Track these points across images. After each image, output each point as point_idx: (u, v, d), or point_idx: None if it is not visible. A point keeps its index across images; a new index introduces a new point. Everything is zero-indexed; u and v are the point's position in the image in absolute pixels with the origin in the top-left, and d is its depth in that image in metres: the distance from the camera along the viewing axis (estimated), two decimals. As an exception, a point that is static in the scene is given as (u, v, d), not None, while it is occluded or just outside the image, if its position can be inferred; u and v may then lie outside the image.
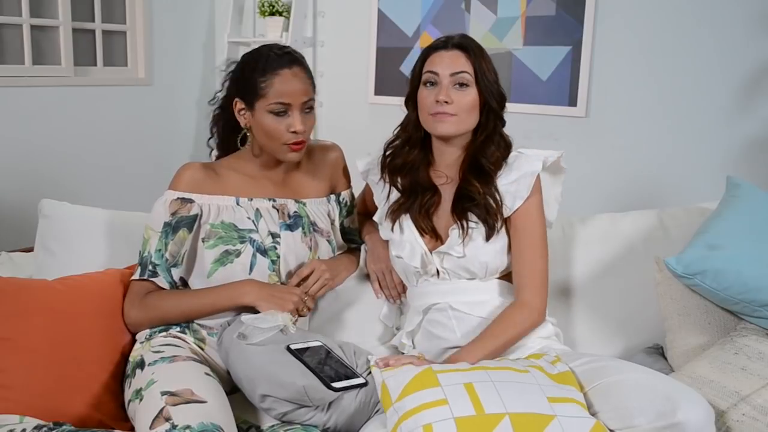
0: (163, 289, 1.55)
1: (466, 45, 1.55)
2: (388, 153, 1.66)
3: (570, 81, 3.18)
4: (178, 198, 1.54)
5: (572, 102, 3.19)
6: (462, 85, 1.53)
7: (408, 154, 1.62)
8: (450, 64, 1.54)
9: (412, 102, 1.61)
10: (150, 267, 1.53)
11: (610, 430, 1.25)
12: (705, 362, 1.44)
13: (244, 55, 1.60)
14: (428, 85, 1.55)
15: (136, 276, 1.55)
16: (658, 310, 1.66)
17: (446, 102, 1.52)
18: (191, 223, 1.54)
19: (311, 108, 1.56)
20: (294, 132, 1.52)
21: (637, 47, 3.05)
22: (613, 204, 2.75)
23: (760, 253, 1.52)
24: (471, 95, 1.53)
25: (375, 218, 1.69)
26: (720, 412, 1.32)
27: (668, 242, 1.79)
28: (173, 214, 1.53)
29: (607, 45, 3.10)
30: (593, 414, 1.29)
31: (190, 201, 1.54)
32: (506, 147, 1.60)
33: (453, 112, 1.52)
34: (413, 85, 1.60)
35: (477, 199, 1.52)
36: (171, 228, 1.53)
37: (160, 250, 1.52)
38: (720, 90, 2.89)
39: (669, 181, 3.03)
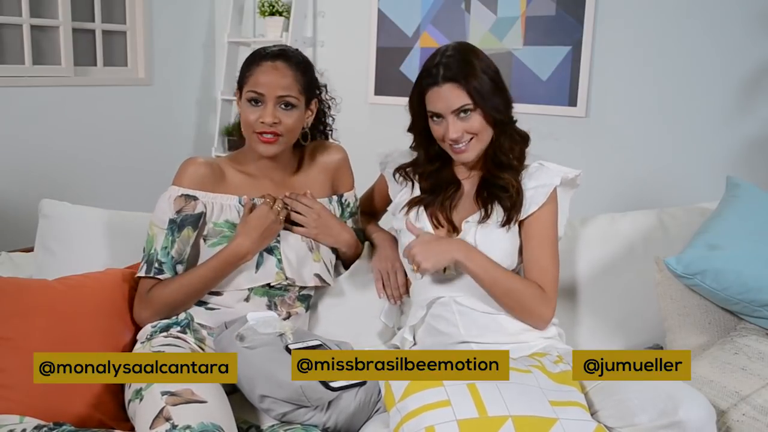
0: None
1: (457, 73, 1.50)
2: (408, 169, 1.67)
3: (570, 81, 3.19)
4: (182, 195, 1.53)
5: (572, 102, 3.19)
6: (465, 112, 1.51)
7: (431, 166, 1.64)
8: (447, 102, 1.51)
9: (423, 134, 1.60)
10: (156, 264, 1.52)
11: (609, 428, 1.26)
12: (705, 362, 1.44)
13: None
14: (435, 118, 1.54)
15: (141, 273, 1.54)
16: (658, 310, 1.66)
17: (457, 137, 1.51)
18: (196, 221, 1.54)
19: (291, 105, 1.54)
20: (262, 122, 1.52)
21: (637, 47, 3.05)
22: (613, 204, 2.75)
23: (760, 253, 1.52)
24: (476, 120, 1.52)
25: (389, 209, 1.69)
26: (720, 412, 1.32)
27: (668, 242, 1.79)
28: (178, 211, 1.52)
29: (607, 45, 3.10)
30: (594, 413, 1.30)
31: (195, 198, 1.54)
32: (522, 139, 1.61)
33: (467, 141, 1.53)
34: (422, 117, 1.57)
35: (510, 190, 1.54)
36: (176, 226, 1.52)
37: (166, 247, 1.52)
38: (720, 90, 2.89)
39: (669, 181, 3.03)
